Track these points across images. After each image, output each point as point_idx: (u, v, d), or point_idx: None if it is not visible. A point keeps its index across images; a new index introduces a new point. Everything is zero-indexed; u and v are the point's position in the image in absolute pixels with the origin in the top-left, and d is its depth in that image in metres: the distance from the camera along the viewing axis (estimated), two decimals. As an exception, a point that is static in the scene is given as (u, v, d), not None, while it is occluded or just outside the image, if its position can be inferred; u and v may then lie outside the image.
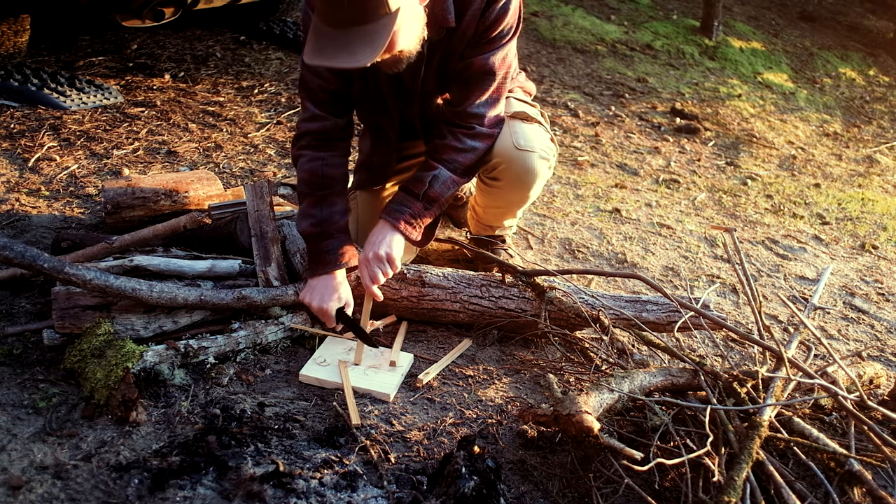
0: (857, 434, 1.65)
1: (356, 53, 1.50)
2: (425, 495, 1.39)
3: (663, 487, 1.50)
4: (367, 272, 1.77)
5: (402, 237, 1.80)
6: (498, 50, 1.80)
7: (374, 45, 1.49)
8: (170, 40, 4.42)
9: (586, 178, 3.49)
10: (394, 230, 1.80)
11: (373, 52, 1.49)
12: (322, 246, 1.83)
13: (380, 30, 1.49)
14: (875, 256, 3.09)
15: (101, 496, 1.32)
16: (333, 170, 1.87)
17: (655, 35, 6.11)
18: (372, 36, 1.49)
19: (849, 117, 5.32)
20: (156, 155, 2.97)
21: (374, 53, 1.49)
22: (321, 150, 1.86)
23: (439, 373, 1.85)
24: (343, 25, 1.50)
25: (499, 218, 2.23)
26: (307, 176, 1.85)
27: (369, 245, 1.79)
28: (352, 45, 1.50)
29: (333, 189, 1.86)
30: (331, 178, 1.86)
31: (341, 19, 1.49)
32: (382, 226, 1.81)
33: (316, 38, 1.53)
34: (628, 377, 1.60)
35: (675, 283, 2.58)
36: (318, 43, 1.53)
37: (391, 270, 1.78)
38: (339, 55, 1.51)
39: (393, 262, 1.77)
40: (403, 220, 1.81)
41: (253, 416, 1.58)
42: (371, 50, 1.49)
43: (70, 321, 1.68)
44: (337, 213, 1.85)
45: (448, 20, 1.71)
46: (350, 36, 1.50)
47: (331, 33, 1.51)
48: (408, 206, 1.82)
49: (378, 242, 1.78)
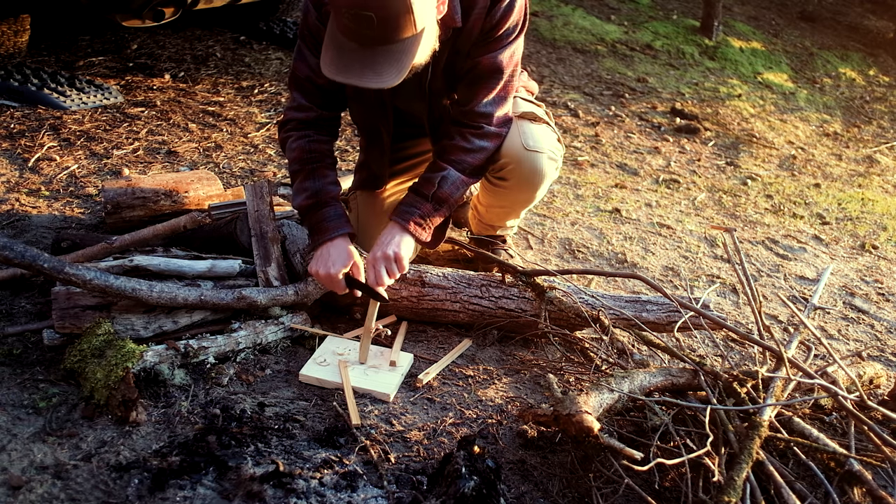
0: (857, 434, 1.65)
1: (383, 74, 1.49)
2: (425, 495, 1.39)
3: (663, 487, 1.50)
4: (374, 272, 1.76)
5: (411, 238, 1.79)
6: (505, 48, 1.79)
7: (400, 65, 1.49)
8: (170, 40, 4.42)
9: (586, 178, 3.49)
10: (403, 231, 1.78)
11: (399, 73, 1.49)
12: (319, 215, 1.82)
13: (406, 49, 1.49)
14: (875, 256, 3.09)
15: (101, 496, 1.32)
16: (321, 145, 1.88)
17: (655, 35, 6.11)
18: (398, 56, 1.49)
19: (849, 117, 5.32)
20: (156, 155, 2.97)
21: (401, 74, 1.49)
22: (306, 128, 1.88)
23: (439, 373, 1.85)
24: (370, 45, 1.49)
25: (502, 218, 2.23)
26: (297, 154, 1.86)
27: (378, 245, 1.77)
28: (378, 66, 1.49)
29: (323, 162, 1.86)
30: (319, 153, 1.86)
31: (368, 39, 1.48)
32: (392, 227, 1.80)
33: (338, 52, 1.52)
34: (628, 377, 1.60)
35: (675, 283, 2.58)
36: (341, 59, 1.52)
37: (398, 271, 1.76)
38: (366, 74, 1.50)
39: (400, 262, 1.75)
40: (413, 220, 1.79)
41: (253, 416, 1.58)
42: (397, 70, 1.49)
43: (70, 321, 1.68)
44: (329, 184, 1.85)
45: (455, 20, 1.71)
46: (377, 56, 1.49)
47: (355, 50, 1.50)
48: (417, 208, 1.81)
49: (387, 243, 1.76)
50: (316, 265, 1.77)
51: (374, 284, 1.76)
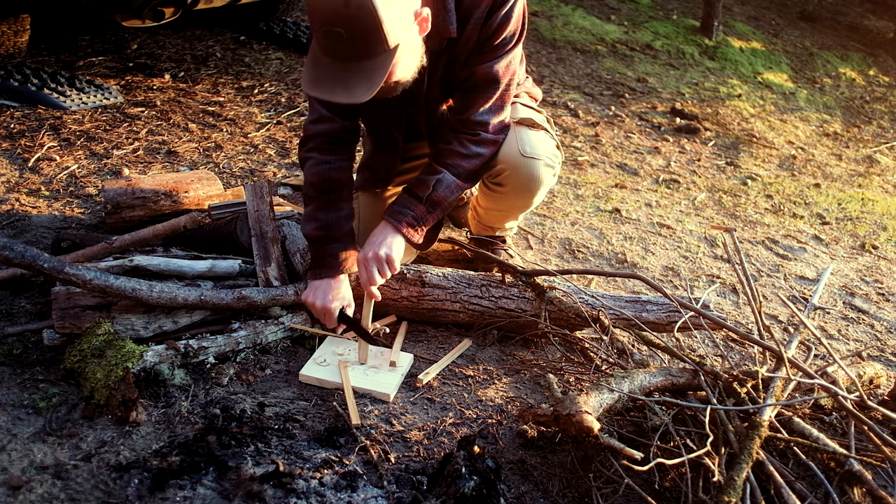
0: (857, 434, 1.65)
1: (353, 89, 1.50)
2: (425, 495, 1.39)
3: (663, 487, 1.50)
4: (366, 272, 1.76)
5: (403, 239, 1.80)
6: (502, 57, 1.78)
7: (371, 81, 1.49)
8: (170, 40, 4.42)
9: (586, 178, 3.49)
10: (395, 232, 1.79)
11: (369, 90, 1.49)
12: (326, 250, 1.82)
13: (378, 66, 1.49)
14: (875, 256, 3.09)
15: (101, 496, 1.32)
16: (340, 174, 1.86)
17: (655, 35, 6.11)
18: (369, 73, 1.49)
19: (849, 117, 5.32)
20: (156, 155, 2.97)
21: (371, 90, 1.49)
22: (328, 153, 1.85)
23: (439, 373, 1.85)
24: (342, 60, 1.50)
25: (500, 220, 2.23)
26: (314, 179, 1.84)
27: (369, 245, 1.78)
28: (349, 81, 1.50)
29: (340, 193, 1.85)
30: (337, 182, 1.85)
31: (340, 54, 1.49)
32: (384, 227, 1.80)
33: (314, 67, 1.53)
34: (628, 377, 1.60)
35: (675, 283, 2.58)
36: (316, 73, 1.53)
37: (390, 272, 1.77)
38: (336, 90, 1.51)
39: (392, 263, 1.76)
40: (406, 221, 1.80)
41: (253, 416, 1.58)
42: (368, 87, 1.49)
43: (70, 321, 1.68)
44: (342, 218, 1.84)
45: (450, 30, 1.70)
46: (349, 72, 1.50)
47: (329, 65, 1.51)
48: (411, 209, 1.81)
49: (378, 243, 1.77)
50: (313, 296, 1.79)
51: (367, 284, 1.77)
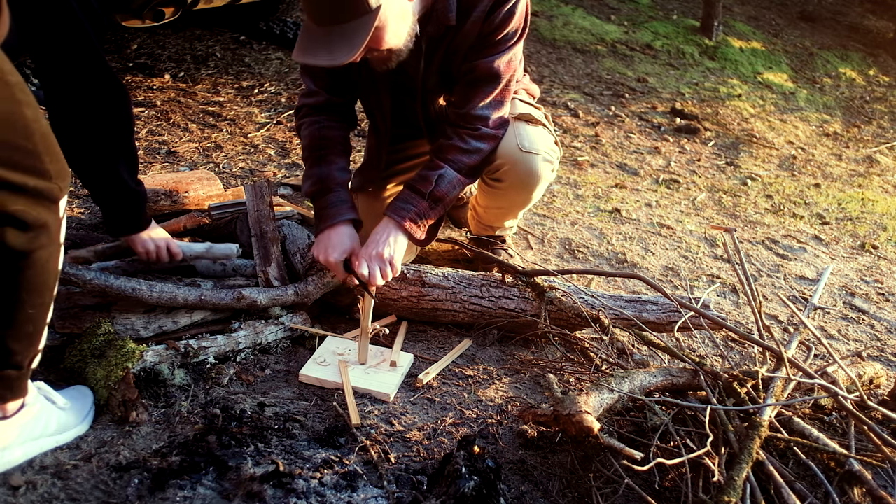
0: (857, 434, 1.65)
1: (334, 52, 1.50)
2: (425, 495, 1.39)
3: (663, 487, 1.50)
4: (368, 271, 1.75)
5: (405, 236, 1.79)
6: (503, 53, 1.78)
7: (352, 43, 1.49)
8: (170, 40, 4.42)
9: (586, 178, 3.49)
10: (398, 229, 1.78)
11: (350, 51, 1.49)
12: (323, 201, 1.83)
13: (359, 28, 1.49)
14: (875, 256, 3.09)
15: (101, 496, 1.32)
16: (330, 132, 1.90)
17: (655, 35, 6.11)
18: (351, 35, 1.49)
19: (849, 117, 5.32)
20: (156, 155, 2.97)
21: (353, 52, 1.49)
22: (318, 114, 1.91)
23: (439, 373, 1.85)
24: (325, 23, 1.50)
25: (500, 218, 2.23)
26: (307, 141, 1.89)
27: (372, 243, 1.76)
28: (332, 44, 1.50)
29: (332, 149, 1.88)
30: (328, 139, 1.88)
31: (323, 17, 1.50)
32: (386, 223, 1.79)
33: (304, 34, 1.55)
34: (628, 377, 1.60)
35: (675, 283, 2.58)
36: (303, 40, 1.55)
37: (391, 274, 1.76)
38: (319, 53, 1.52)
39: (394, 265, 1.75)
40: (409, 218, 1.79)
41: (253, 416, 1.58)
42: (349, 49, 1.49)
43: (70, 321, 1.68)
44: (336, 169, 1.86)
45: (449, 18, 1.71)
46: (332, 35, 1.50)
47: (314, 30, 1.52)
48: (413, 205, 1.81)
49: (381, 241, 1.76)
50: (317, 250, 1.80)
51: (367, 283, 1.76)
